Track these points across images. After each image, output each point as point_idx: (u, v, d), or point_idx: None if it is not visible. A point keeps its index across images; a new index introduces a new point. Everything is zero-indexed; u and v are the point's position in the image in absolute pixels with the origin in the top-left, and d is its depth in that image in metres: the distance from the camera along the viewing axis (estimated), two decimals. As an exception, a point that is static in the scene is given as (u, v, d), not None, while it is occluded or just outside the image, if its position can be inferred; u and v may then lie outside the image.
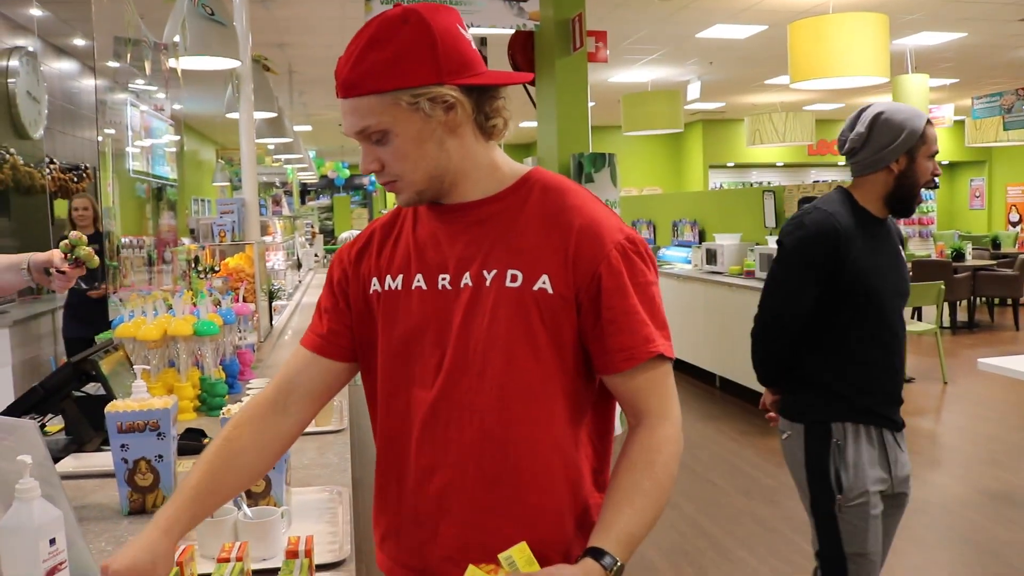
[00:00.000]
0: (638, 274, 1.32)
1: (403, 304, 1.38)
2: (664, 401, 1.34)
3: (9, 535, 1.27)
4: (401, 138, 1.29)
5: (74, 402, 2.26)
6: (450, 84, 1.27)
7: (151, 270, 4.00)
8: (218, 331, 2.67)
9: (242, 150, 4.63)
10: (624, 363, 1.31)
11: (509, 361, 1.31)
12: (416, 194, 1.34)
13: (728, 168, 17.65)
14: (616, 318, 1.30)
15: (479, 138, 1.35)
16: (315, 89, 11.68)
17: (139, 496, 1.78)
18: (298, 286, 7.31)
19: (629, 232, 1.35)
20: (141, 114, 10.54)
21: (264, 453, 1.43)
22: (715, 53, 10.23)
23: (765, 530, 4.37)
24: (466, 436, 1.33)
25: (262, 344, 3.96)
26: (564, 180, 1.40)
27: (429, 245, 1.38)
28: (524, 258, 1.32)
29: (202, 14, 3.37)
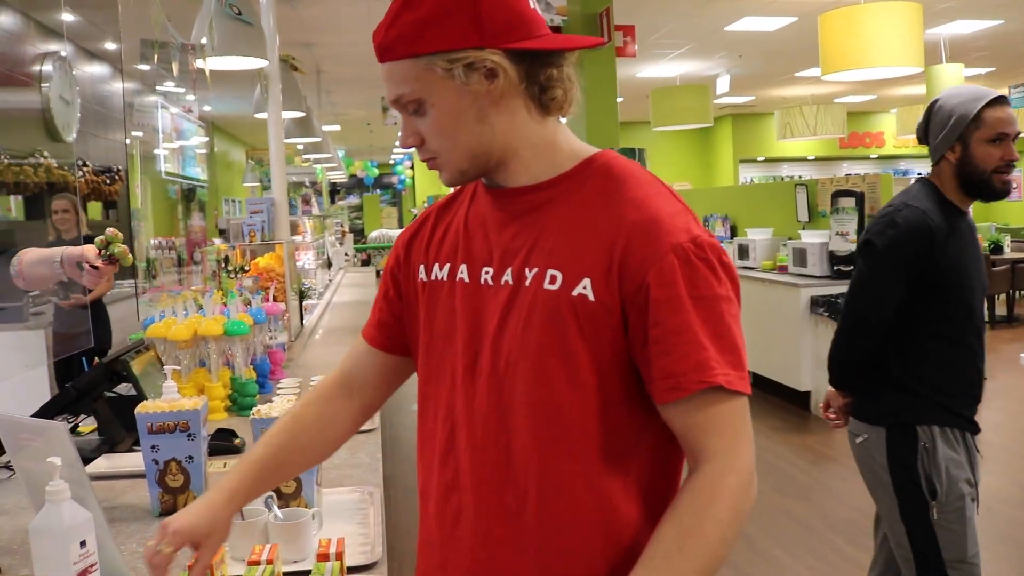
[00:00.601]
0: (700, 285, 1.08)
1: (445, 297, 1.24)
2: (727, 443, 1.10)
3: (40, 537, 1.26)
4: (437, 109, 1.14)
5: (106, 403, 2.26)
6: (493, 48, 1.10)
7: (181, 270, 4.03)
8: (248, 331, 2.66)
9: (271, 150, 4.64)
10: (668, 393, 1.09)
11: (539, 377, 1.13)
12: (458, 173, 1.19)
13: (758, 162, 17.51)
14: (663, 337, 1.08)
15: (533, 112, 1.17)
16: (343, 88, 11.72)
17: (170, 497, 1.77)
18: (328, 285, 7.32)
19: (697, 234, 1.10)
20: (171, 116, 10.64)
21: (328, 433, 1.38)
22: (744, 46, 10.14)
23: (801, 528, 4.30)
24: (489, 457, 1.17)
25: (293, 343, 3.96)
26: (632, 167, 1.18)
27: (478, 233, 1.23)
28: (566, 257, 1.12)
29: (229, 14, 3.37)
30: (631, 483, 1.15)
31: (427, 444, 1.27)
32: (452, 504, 1.21)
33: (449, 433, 1.22)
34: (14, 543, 1.64)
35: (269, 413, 1.74)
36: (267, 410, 1.74)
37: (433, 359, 1.26)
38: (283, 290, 3.87)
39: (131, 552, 1.60)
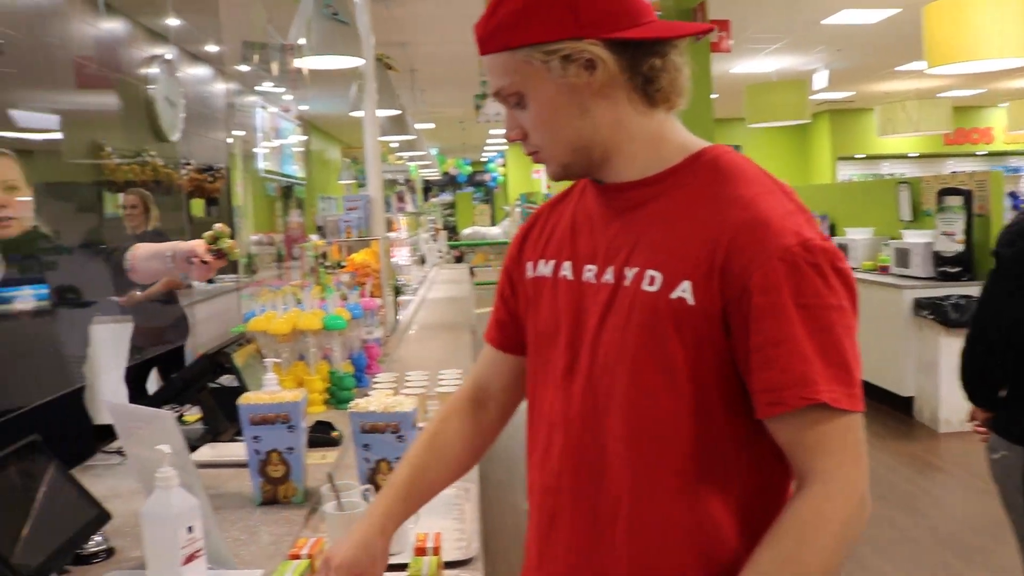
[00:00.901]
0: (808, 293, 1.01)
1: (548, 294, 1.22)
2: (835, 464, 1.03)
3: (150, 522, 1.30)
4: (537, 102, 1.12)
5: (210, 393, 2.33)
6: (592, 38, 1.06)
7: (280, 266, 4.12)
8: (346, 325, 2.70)
9: (366, 148, 4.71)
10: (768, 408, 1.04)
11: (634, 382, 1.09)
12: (561, 168, 1.17)
13: (857, 160, 17.02)
14: (764, 347, 1.03)
15: (638, 105, 1.12)
16: (436, 87, 11.82)
17: (271, 487, 1.81)
18: (422, 281, 7.40)
19: (808, 237, 1.03)
20: (270, 115, 10.90)
21: (469, 447, 1.38)
22: (843, 40, 9.86)
23: (905, 539, 4.16)
24: (583, 461, 1.15)
25: (388, 339, 4.01)
26: (743, 164, 1.12)
27: (584, 230, 1.20)
28: (666, 257, 1.08)
29: (326, 14, 3.43)
30: (731, 499, 1.09)
31: (532, 443, 1.26)
32: (549, 506, 1.20)
33: (549, 434, 1.20)
34: (126, 526, 1.70)
35: (367, 407, 1.75)
36: (365, 404, 1.76)
37: (539, 358, 1.24)
38: (379, 286, 3.92)
39: (234, 539, 1.63)
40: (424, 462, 1.34)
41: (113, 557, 1.58)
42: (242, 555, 1.56)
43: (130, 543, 1.63)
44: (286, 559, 1.41)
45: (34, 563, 1.20)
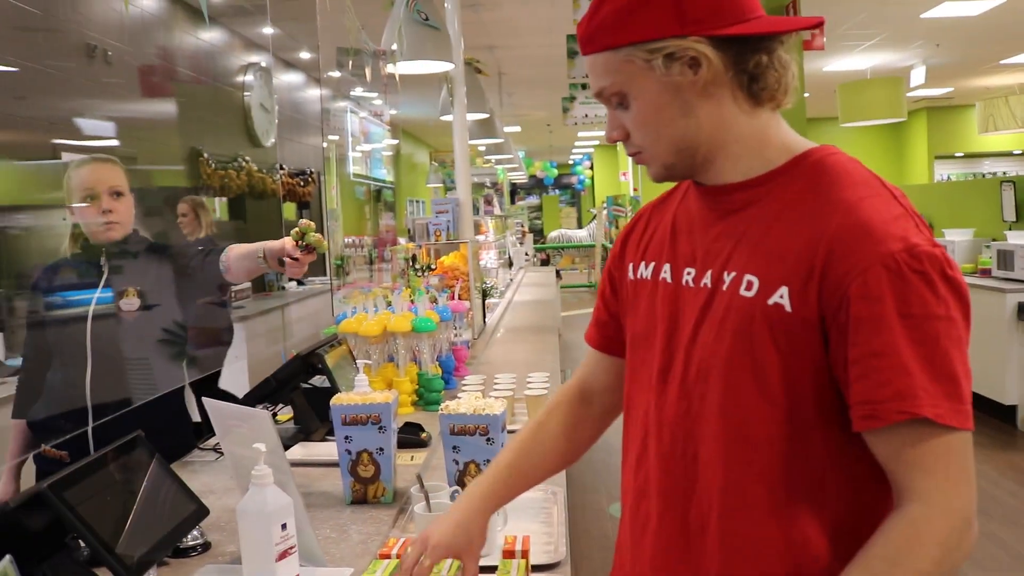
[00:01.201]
0: (912, 302, 0.96)
1: (647, 296, 1.20)
2: (936, 483, 0.98)
3: (246, 518, 1.34)
4: (639, 102, 1.09)
5: (302, 393, 2.37)
6: (696, 36, 1.04)
7: (371, 268, 4.18)
8: (435, 327, 2.73)
9: (456, 151, 4.74)
10: (864, 421, 0.99)
11: (728, 388, 1.07)
12: (664, 169, 1.14)
13: (956, 158, 16.44)
14: (862, 359, 0.98)
15: (743, 104, 1.09)
16: (524, 90, 11.86)
17: (361, 487, 1.84)
18: (509, 284, 7.43)
19: (915, 243, 0.98)
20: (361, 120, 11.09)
21: (572, 439, 1.39)
22: (943, 34, 9.54)
23: (1010, 556, 3.99)
24: (675, 468, 1.13)
25: (476, 341, 4.04)
26: (849, 165, 1.07)
27: (684, 232, 1.18)
28: (764, 262, 1.04)
29: (417, 19, 3.47)
30: (825, 517, 1.05)
31: (627, 445, 1.25)
32: (642, 511, 1.19)
33: (643, 437, 1.19)
34: (222, 520, 1.75)
35: (457, 409, 1.76)
36: (455, 406, 1.77)
37: (635, 359, 1.23)
38: (467, 288, 3.95)
39: (324, 538, 1.66)
40: (527, 449, 1.36)
41: (209, 551, 1.63)
42: (332, 553, 1.59)
43: (226, 538, 1.67)
44: (376, 558, 1.43)
45: (136, 554, 1.24)
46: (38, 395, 2.42)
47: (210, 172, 6.31)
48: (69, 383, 2.35)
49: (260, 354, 5.73)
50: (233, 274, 2.49)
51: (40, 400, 2.41)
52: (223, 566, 1.51)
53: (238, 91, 7.17)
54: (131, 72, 5.44)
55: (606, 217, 15.81)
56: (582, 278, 17.88)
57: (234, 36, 7.32)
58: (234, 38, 7.33)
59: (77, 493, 1.20)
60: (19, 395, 2.48)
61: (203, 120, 6.72)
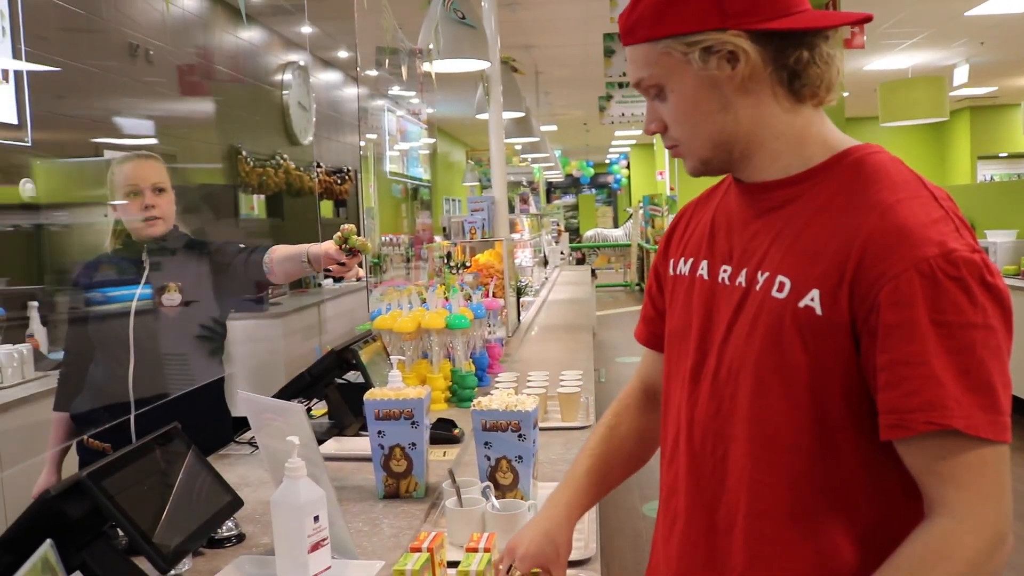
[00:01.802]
0: (947, 309, 0.93)
1: (684, 293, 1.20)
2: (968, 497, 0.95)
3: (279, 509, 1.36)
4: (677, 95, 1.08)
5: (336, 389, 2.40)
6: (736, 30, 1.02)
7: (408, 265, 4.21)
8: (469, 325, 2.74)
9: (491, 149, 4.75)
10: (891, 430, 0.97)
11: (758, 390, 1.05)
12: (700, 163, 1.12)
13: (1000, 159, 16.17)
14: (891, 366, 0.95)
15: (783, 100, 1.07)
16: (560, 89, 11.86)
17: (393, 481, 1.85)
18: (544, 283, 7.43)
19: (953, 248, 0.94)
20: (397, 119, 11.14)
21: (644, 440, 1.39)
22: (987, 31, 9.39)
23: (1047, 557, 3.93)
24: (705, 467, 1.12)
25: (510, 339, 4.04)
26: (890, 164, 1.04)
27: (723, 229, 1.16)
28: (797, 263, 1.03)
29: (454, 18, 3.49)
30: (853, 527, 1.03)
31: (663, 441, 1.25)
32: (671, 507, 1.19)
33: (675, 435, 1.18)
34: (256, 512, 1.77)
35: (490, 405, 1.77)
36: (488, 402, 1.78)
37: (672, 356, 1.22)
38: (502, 286, 3.96)
39: (356, 531, 1.68)
40: (603, 453, 1.36)
41: (244, 542, 1.65)
42: (364, 546, 1.60)
43: (260, 529, 1.70)
44: (407, 551, 1.44)
45: (172, 543, 1.26)
46: (80, 389, 2.46)
47: (248, 170, 6.38)
48: (112, 377, 2.39)
49: (296, 350, 5.79)
50: (276, 275, 2.52)
51: (82, 393, 2.46)
52: (257, 557, 1.53)
53: (277, 90, 7.25)
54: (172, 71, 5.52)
55: (642, 216, 15.76)
56: (618, 277, 17.83)
57: (273, 35, 7.40)
58: (273, 37, 7.41)
59: (115, 482, 1.23)
60: (61, 388, 2.53)
61: (242, 118, 6.80)
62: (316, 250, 2.42)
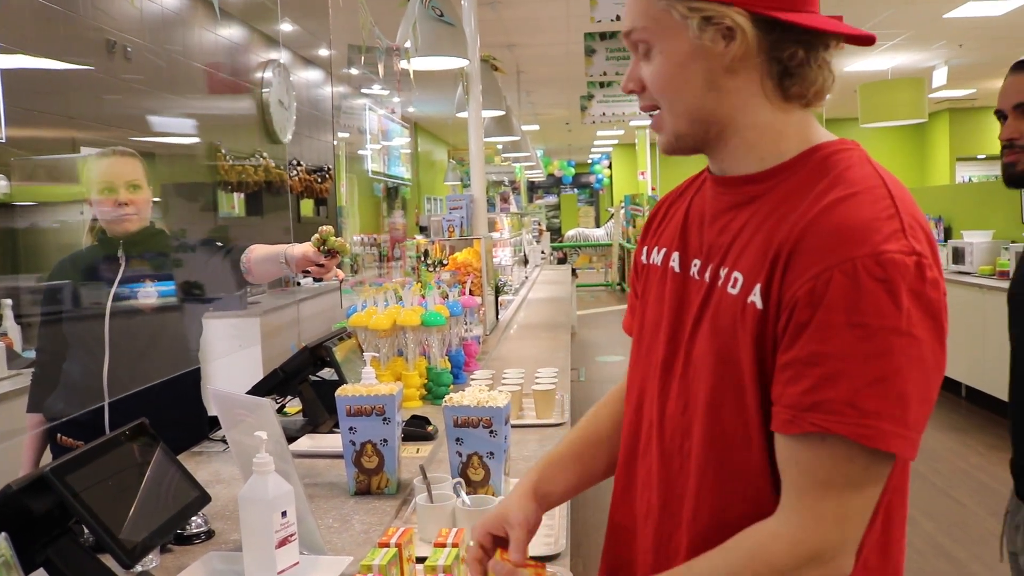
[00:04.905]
0: (866, 311, 0.89)
1: (657, 282, 1.17)
2: (803, 506, 0.93)
3: (247, 505, 1.35)
4: (663, 57, 1.04)
5: (310, 386, 2.39)
6: (740, 7, 0.99)
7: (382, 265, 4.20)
8: (444, 322, 2.74)
9: (471, 148, 4.76)
10: (781, 425, 0.94)
11: (713, 387, 1.03)
12: (675, 138, 1.09)
13: (979, 160, 16.31)
14: (794, 363, 0.93)
15: (770, 93, 1.03)
16: (542, 88, 11.86)
17: (365, 477, 1.85)
18: (524, 282, 7.44)
19: (885, 249, 0.90)
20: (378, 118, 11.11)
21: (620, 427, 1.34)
22: (966, 34, 9.47)
23: (1019, 554, 3.97)
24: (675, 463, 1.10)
25: (487, 337, 4.05)
26: (855, 161, 1.02)
27: (695, 222, 1.14)
28: (750, 258, 1.01)
29: (432, 16, 3.49)
30: None
31: (629, 429, 1.22)
32: (643, 501, 1.17)
33: (648, 428, 1.16)
34: (227, 509, 1.77)
35: (461, 401, 1.77)
36: (459, 398, 1.78)
37: (643, 346, 1.20)
38: (480, 284, 3.96)
39: (327, 527, 1.68)
40: (580, 436, 1.34)
41: (213, 539, 1.65)
42: (334, 542, 1.60)
43: (230, 526, 1.69)
44: (376, 547, 1.44)
45: (137, 539, 1.26)
46: (54, 387, 2.44)
47: (227, 167, 6.36)
48: (86, 374, 2.38)
49: (274, 348, 5.76)
50: (254, 276, 2.51)
51: (56, 391, 2.44)
52: (225, 553, 1.53)
53: (257, 87, 7.22)
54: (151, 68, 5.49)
55: (624, 216, 15.80)
56: (599, 277, 17.87)
57: (253, 33, 7.37)
58: (253, 35, 7.38)
59: (80, 478, 1.22)
60: (35, 388, 2.51)
61: (221, 116, 6.77)
62: (294, 251, 2.42)
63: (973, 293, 6.50)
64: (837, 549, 0.93)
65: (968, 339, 6.55)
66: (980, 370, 6.38)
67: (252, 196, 7.00)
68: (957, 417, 6.42)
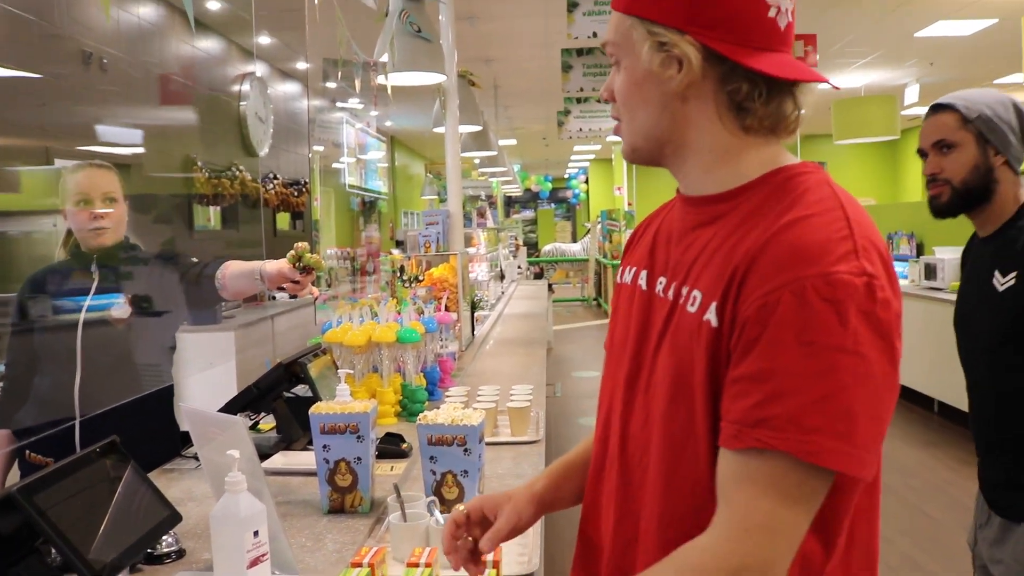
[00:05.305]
0: (815, 330, 0.89)
1: (626, 299, 1.19)
2: (735, 521, 0.93)
3: (218, 524, 1.34)
4: (625, 74, 1.08)
5: (284, 402, 2.38)
6: (693, 38, 1.01)
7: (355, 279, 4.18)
8: (419, 339, 2.73)
9: (447, 163, 4.77)
10: (727, 440, 0.94)
11: (669, 404, 1.04)
12: (630, 149, 1.13)
13: (951, 177, 16.51)
14: (742, 379, 0.93)
15: (726, 122, 1.05)
16: (520, 103, 11.91)
17: (338, 496, 1.84)
18: (501, 297, 7.44)
19: (834, 270, 0.91)
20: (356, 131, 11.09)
21: None
22: (937, 52, 9.61)
23: (990, 569, 4.00)
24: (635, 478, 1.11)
25: (463, 353, 4.04)
26: (815, 183, 1.02)
27: (663, 241, 1.16)
28: (708, 276, 1.02)
29: (409, 31, 3.49)
30: None
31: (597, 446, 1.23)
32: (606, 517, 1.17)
33: (611, 441, 1.17)
34: (198, 528, 1.75)
35: (436, 419, 1.77)
36: (433, 416, 1.78)
37: (611, 362, 1.21)
38: (455, 300, 3.96)
39: (300, 546, 1.67)
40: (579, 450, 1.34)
41: (184, 558, 1.63)
42: (307, 561, 1.59)
43: (201, 545, 1.68)
44: (348, 566, 1.43)
45: (107, 559, 1.25)
46: (24, 402, 2.41)
47: (203, 180, 6.33)
48: (57, 388, 2.35)
49: (249, 363, 5.73)
50: (228, 291, 2.50)
51: (26, 407, 2.41)
52: (196, 573, 1.51)
53: (234, 100, 7.19)
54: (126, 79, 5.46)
55: (600, 231, 15.85)
56: (575, 292, 17.90)
57: (231, 46, 7.35)
58: (231, 47, 7.36)
59: (48, 497, 1.21)
60: (3, 403, 2.48)
61: (198, 129, 6.74)
62: (270, 268, 2.41)
63: (945, 308, 6.56)
64: (766, 564, 0.91)
65: (940, 354, 6.61)
66: (952, 385, 6.44)
67: (228, 209, 6.97)
68: (929, 432, 6.47)
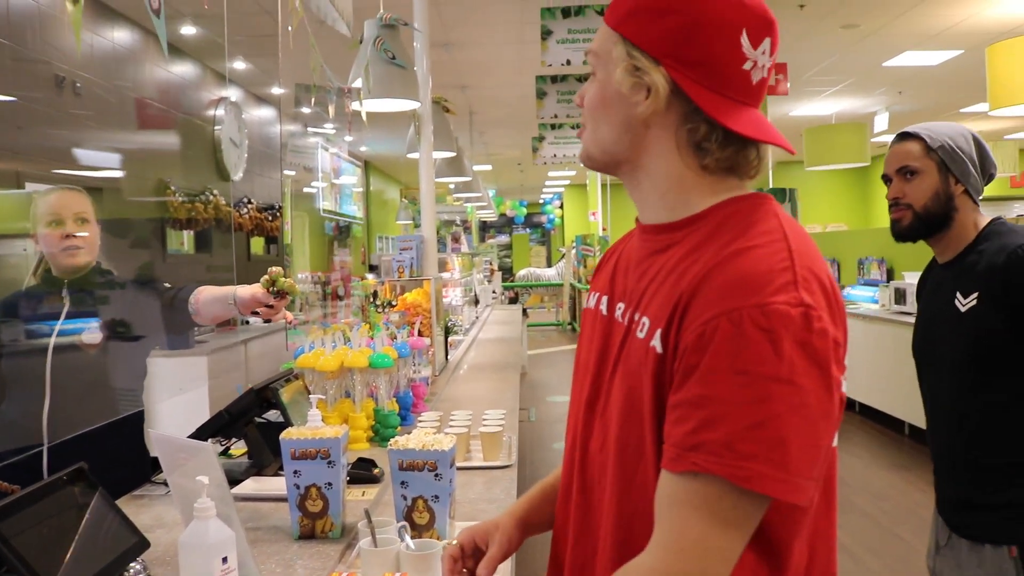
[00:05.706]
0: (749, 359, 0.91)
1: (589, 324, 1.21)
2: (668, 543, 0.95)
3: (187, 550, 1.34)
4: (597, 86, 1.11)
5: (256, 428, 2.37)
6: (666, 72, 1.03)
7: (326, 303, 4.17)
8: (392, 364, 2.73)
9: (422, 189, 4.78)
10: (667, 463, 0.96)
11: (620, 429, 1.06)
12: (587, 156, 1.16)
13: (920, 203, 16.72)
14: (681, 405, 0.95)
15: (684, 155, 1.07)
16: (495, 129, 11.98)
17: (309, 521, 1.83)
18: (475, 322, 7.44)
19: (770, 300, 0.93)
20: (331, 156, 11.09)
21: None
22: (905, 81, 9.78)
23: None
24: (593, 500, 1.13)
25: (437, 378, 4.04)
26: (763, 214, 1.04)
27: (623, 268, 1.18)
28: (656, 304, 1.03)
29: (384, 58, 3.51)
30: None
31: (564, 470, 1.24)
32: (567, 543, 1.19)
33: (571, 465, 1.19)
34: (168, 555, 1.74)
35: (407, 444, 1.77)
36: (404, 441, 1.78)
37: (576, 385, 1.23)
38: (429, 325, 3.96)
39: (270, 572, 1.66)
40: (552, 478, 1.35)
41: (153, 586, 1.62)
42: (277, 588, 1.58)
43: (170, 572, 1.66)
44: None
45: (73, 588, 1.24)
46: (-9, 428, 2.39)
47: (176, 204, 6.30)
48: (25, 414, 2.33)
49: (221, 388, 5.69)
50: (202, 316, 2.49)
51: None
52: (165, 600, 1.50)
53: (208, 124, 7.19)
54: (100, 103, 5.44)
55: (575, 256, 15.90)
56: (550, 317, 17.92)
57: (205, 70, 7.35)
58: (205, 72, 7.36)
59: (13, 525, 1.20)
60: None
61: (172, 153, 6.73)
62: (243, 292, 2.41)
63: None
64: None
65: (910, 377, 6.66)
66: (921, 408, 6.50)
67: (202, 234, 6.95)
68: (901, 455, 6.52)
